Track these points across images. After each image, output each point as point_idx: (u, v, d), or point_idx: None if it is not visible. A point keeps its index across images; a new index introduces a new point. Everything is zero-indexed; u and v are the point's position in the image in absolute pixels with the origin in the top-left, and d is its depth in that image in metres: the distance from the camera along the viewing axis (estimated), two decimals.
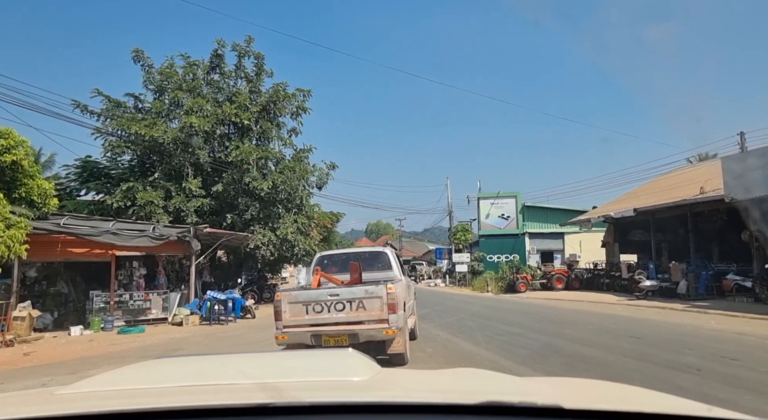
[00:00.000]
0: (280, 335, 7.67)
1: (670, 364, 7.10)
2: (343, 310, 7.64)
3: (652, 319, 14.03)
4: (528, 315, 15.76)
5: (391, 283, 7.90)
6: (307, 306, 7.69)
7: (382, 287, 7.69)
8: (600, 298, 23.05)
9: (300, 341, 7.60)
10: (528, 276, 29.37)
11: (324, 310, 7.66)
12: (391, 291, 7.60)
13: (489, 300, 24.49)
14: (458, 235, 41.03)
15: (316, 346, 7.57)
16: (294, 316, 7.67)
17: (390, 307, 7.53)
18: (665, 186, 27.85)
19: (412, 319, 9.93)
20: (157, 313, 15.98)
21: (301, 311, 7.68)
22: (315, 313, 7.66)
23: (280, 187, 23.18)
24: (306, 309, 7.68)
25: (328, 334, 7.60)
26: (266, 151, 23.58)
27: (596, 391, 1.72)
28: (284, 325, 7.66)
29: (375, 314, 7.57)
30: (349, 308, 7.64)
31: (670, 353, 8.10)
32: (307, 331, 7.62)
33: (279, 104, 24.88)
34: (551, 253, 38.99)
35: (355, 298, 7.68)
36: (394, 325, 7.50)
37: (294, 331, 7.65)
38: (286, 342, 7.68)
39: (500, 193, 40.29)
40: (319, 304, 7.68)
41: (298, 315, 7.67)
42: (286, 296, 7.90)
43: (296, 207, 24.50)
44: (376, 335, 7.54)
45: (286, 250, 23.80)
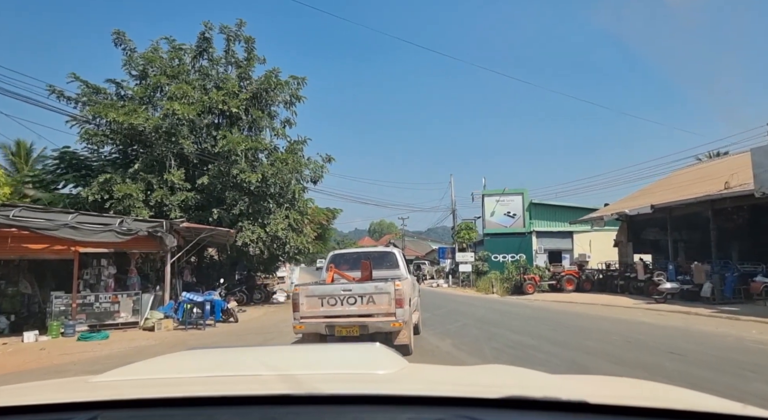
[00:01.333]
0: (297, 325, 8.53)
1: (738, 394, 5.46)
2: (354, 304, 8.44)
3: (681, 326, 12.34)
4: (540, 321, 14.09)
5: (398, 281, 8.65)
6: (323, 299, 8.51)
7: (390, 284, 8.46)
8: (615, 301, 21.34)
9: (315, 331, 8.52)
10: (536, 277, 27.67)
11: (337, 304, 8.47)
12: (399, 287, 8.41)
13: (495, 302, 22.81)
14: (462, 234, 39.27)
15: (329, 335, 8.54)
16: (310, 308, 8.48)
17: (397, 302, 8.32)
18: (682, 182, 26.10)
19: (416, 314, 10.74)
20: (126, 316, 14.37)
21: (316, 304, 8.50)
22: (329, 306, 8.48)
23: (270, 180, 21.57)
24: (321, 302, 8.50)
25: (340, 325, 8.43)
26: (256, 141, 21.97)
27: (624, 387, 1.72)
28: (301, 316, 8.50)
29: (384, 308, 8.36)
30: (360, 302, 8.44)
31: (729, 377, 6.44)
32: (322, 322, 8.46)
33: (271, 92, 23.27)
34: (559, 252, 37.26)
35: (366, 293, 8.46)
36: (400, 318, 8.33)
37: (310, 322, 8.48)
38: (303, 331, 8.61)
39: (506, 190, 38.56)
40: (333, 297, 8.50)
41: (314, 307, 8.49)
42: (303, 290, 8.67)
43: (288, 202, 22.89)
44: (384, 327, 8.35)
45: (277, 247, 22.20)
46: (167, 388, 1.43)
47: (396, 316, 8.32)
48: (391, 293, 8.37)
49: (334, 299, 8.52)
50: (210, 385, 1.45)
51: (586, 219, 28.80)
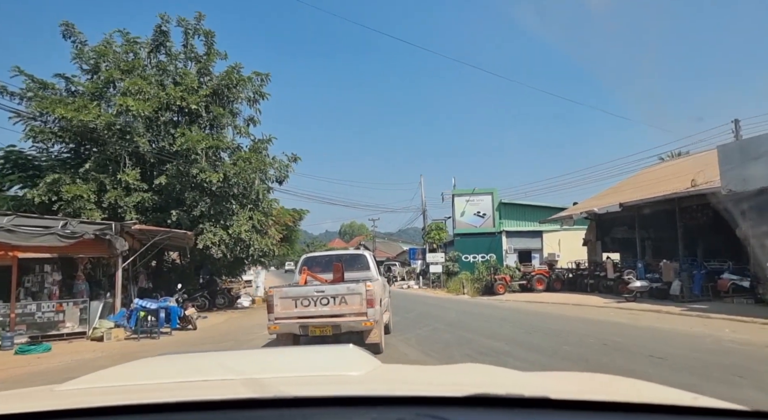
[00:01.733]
0: (272, 325, 8.77)
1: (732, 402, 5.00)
2: (327, 305, 8.70)
3: (656, 327, 12.03)
4: (513, 324, 13.62)
5: (369, 282, 8.96)
6: (296, 300, 8.76)
7: (361, 285, 8.79)
8: (585, 300, 21.15)
9: (289, 331, 8.79)
10: (507, 277, 27.40)
11: (311, 305, 8.71)
12: (370, 288, 8.71)
13: (466, 304, 22.38)
14: (432, 234, 38.88)
15: (303, 335, 8.85)
16: (284, 309, 8.73)
17: (368, 302, 8.62)
18: (650, 180, 26.25)
19: (387, 314, 11.07)
20: (72, 326, 13.30)
21: (290, 305, 8.73)
22: (303, 307, 8.72)
23: (233, 180, 20.64)
24: (295, 303, 8.74)
25: (314, 325, 8.69)
26: (217, 139, 21.02)
27: (586, 382, 1.75)
28: (276, 317, 8.74)
29: (355, 308, 8.63)
30: (332, 303, 8.69)
31: (716, 384, 6.00)
32: (296, 322, 8.72)
33: (233, 89, 22.34)
34: (529, 252, 37.22)
35: (338, 294, 8.73)
36: (372, 317, 8.63)
37: (284, 322, 8.73)
38: (278, 332, 8.85)
39: (476, 190, 38.34)
40: (307, 299, 8.74)
41: (288, 308, 8.72)
42: (277, 292, 8.94)
43: (252, 203, 21.99)
44: (356, 326, 8.65)
45: (240, 250, 21.28)
46: (133, 395, 1.41)
47: (367, 315, 8.63)
48: (363, 294, 8.68)
49: (308, 300, 8.78)
50: (176, 391, 1.43)
51: (555, 218, 28.71)
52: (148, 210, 20.44)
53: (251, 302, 24.70)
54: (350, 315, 8.67)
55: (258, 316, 19.81)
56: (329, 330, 8.71)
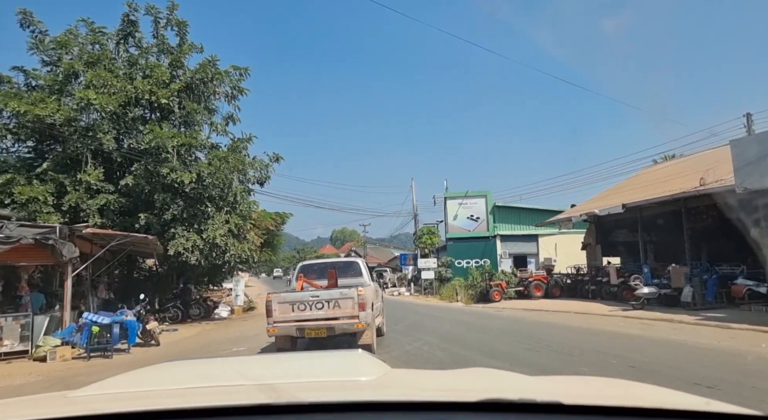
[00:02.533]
0: (271, 328, 9.35)
1: None
2: (322, 309, 9.30)
3: (677, 340, 10.56)
4: (514, 337, 12.09)
5: (361, 287, 9.60)
6: (293, 305, 9.36)
7: (353, 290, 9.42)
8: (588, 307, 19.69)
9: (287, 333, 9.42)
10: (503, 283, 25.91)
11: (307, 309, 9.30)
12: (361, 293, 9.34)
13: (460, 312, 20.82)
14: (424, 239, 37.36)
15: (300, 337, 9.53)
16: (282, 313, 9.31)
17: (360, 305, 9.21)
18: (652, 180, 24.90)
19: (380, 318, 11.69)
20: (12, 344, 11.60)
21: (288, 309, 9.33)
22: (299, 311, 9.31)
23: (207, 180, 19.02)
24: (292, 307, 9.33)
25: (310, 328, 9.25)
26: (190, 136, 19.39)
27: (599, 387, 1.73)
28: (274, 320, 9.31)
29: (348, 311, 9.23)
30: (327, 307, 9.29)
31: None
32: (293, 325, 9.28)
33: (209, 83, 20.75)
34: (524, 257, 35.81)
35: (332, 299, 9.34)
36: (363, 320, 9.21)
37: (282, 325, 9.30)
38: (276, 334, 9.45)
39: (469, 193, 36.90)
40: (303, 303, 9.34)
41: (285, 312, 9.31)
42: (276, 297, 9.54)
43: (229, 205, 20.36)
44: (348, 328, 9.24)
45: (216, 256, 19.62)
46: (148, 401, 1.41)
47: (359, 318, 9.23)
48: (355, 298, 9.29)
49: (304, 305, 9.38)
50: (191, 397, 1.44)
51: (552, 221, 27.30)
52: (115, 213, 18.77)
53: (230, 312, 23.02)
54: (343, 318, 9.28)
55: (234, 329, 18.21)
56: (324, 332, 9.32)
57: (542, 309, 20.52)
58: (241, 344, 13.11)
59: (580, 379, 1.99)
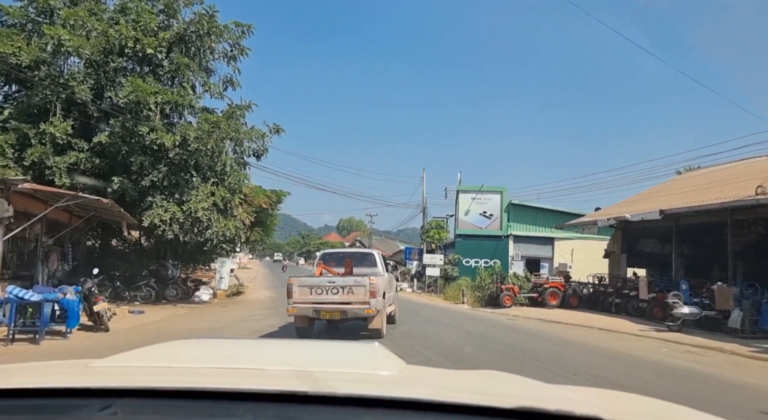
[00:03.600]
0: (290, 308, 10.57)
1: None
2: (337, 294, 10.43)
3: (753, 383, 8.15)
4: (533, 358, 9.69)
5: (373, 277, 10.72)
6: (311, 289, 10.53)
7: (366, 279, 10.57)
8: (613, 324, 17.24)
9: (304, 314, 10.61)
10: (515, 288, 23.47)
11: (323, 293, 10.46)
12: (373, 282, 10.44)
13: (467, 318, 18.40)
14: (431, 233, 34.92)
15: (316, 318, 10.77)
16: (301, 295, 10.48)
17: (371, 293, 10.31)
18: (692, 186, 22.27)
19: (392, 306, 13.00)
20: None
21: (306, 292, 10.50)
22: (316, 294, 10.47)
23: (192, 145, 16.71)
24: (310, 291, 10.51)
25: (325, 310, 10.48)
26: (177, 94, 17.06)
27: (636, 404, 1.63)
28: (294, 301, 10.49)
29: (360, 298, 10.34)
30: (341, 292, 10.43)
31: None
32: (310, 307, 10.46)
33: (205, 38, 18.39)
34: (538, 260, 33.33)
35: (346, 285, 10.48)
36: (373, 306, 10.33)
37: (301, 306, 10.47)
38: (295, 314, 10.67)
39: (483, 187, 34.40)
40: (320, 288, 10.51)
41: (304, 295, 10.48)
42: (296, 281, 10.74)
43: (217, 176, 18.08)
44: (360, 313, 10.41)
45: (198, 232, 17.34)
46: (181, 378, 1.36)
47: (370, 304, 10.15)
48: (366, 286, 10.23)
49: (321, 289, 10.37)
50: (223, 377, 1.40)
51: (576, 224, 24.79)
52: (86, 174, 16.53)
53: (211, 296, 20.78)
54: (355, 303, 10.22)
55: (208, 316, 15.89)
56: (338, 315, 10.38)
57: (560, 321, 18.10)
58: None
59: (614, 394, 1.84)
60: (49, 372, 1.58)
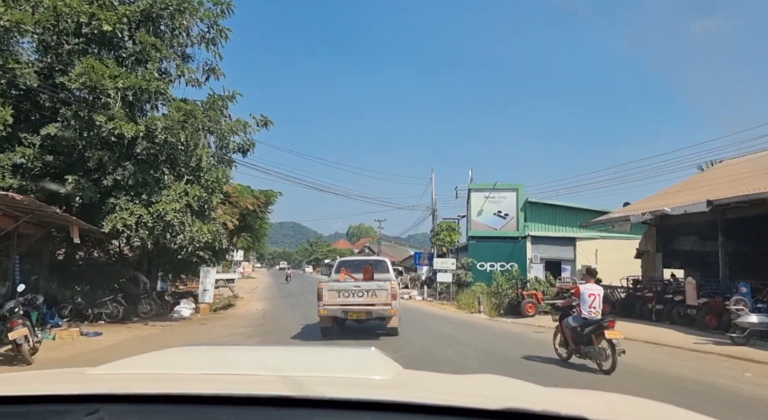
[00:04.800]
0: (321, 309, 11.98)
1: None
2: (362, 297, 11.94)
3: None
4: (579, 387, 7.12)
5: (393, 281, 12.58)
6: (339, 292, 12.01)
7: (387, 283, 12.23)
8: (660, 335, 14.55)
9: (334, 314, 12.07)
10: (538, 294, 20.80)
11: (350, 296, 11.95)
12: (394, 285, 12.30)
13: (486, 331, 15.76)
14: (442, 236, 32.23)
15: (344, 318, 12.36)
16: (330, 298, 11.93)
17: (392, 295, 12.04)
18: (738, 174, 19.47)
19: None
20: None
21: (335, 295, 11.96)
22: (344, 297, 11.95)
23: (160, 136, 14.32)
24: (338, 294, 11.97)
25: (352, 311, 11.99)
26: (143, 79, 14.67)
27: (621, 404, 1.68)
28: (324, 303, 11.92)
29: (383, 300, 11.93)
30: (366, 295, 11.95)
31: None
32: (339, 308, 11.95)
33: (176, 16, 16.05)
34: (559, 262, 30.61)
35: (370, 289, 12.00)
36: (394, 306, 12.09)
37: (330, 308, 11.92)
38: (325, 315, 12.06)
39: (497, 185, 31.74)
40: (347, 291, 12.01)
41: (333, 298, 11.94)
42: (326, 286, 12.20)
43: (191, 172, 15.67)
44: (383, 313, 12.07)
45: (170, 238, 14.89)
46: (168, 384, 1.41)
47: (391, 305, 12.00)
48: (389, 289, 12.03)
49: (348, 292, 12.02)
50: (211, 383, 1.43)
51: (604, 220, 22.04)
52: (38, 174, 14.21)
53: (193, 311, 18.30)
54: (379, 304, 11.92)
55: (182, 337, 13.08)
56: (363, 315, 12.07)
57: None
58: None
59: (600, 395, 1.89)
60: (41, 380, 1.64)
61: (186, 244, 14.78)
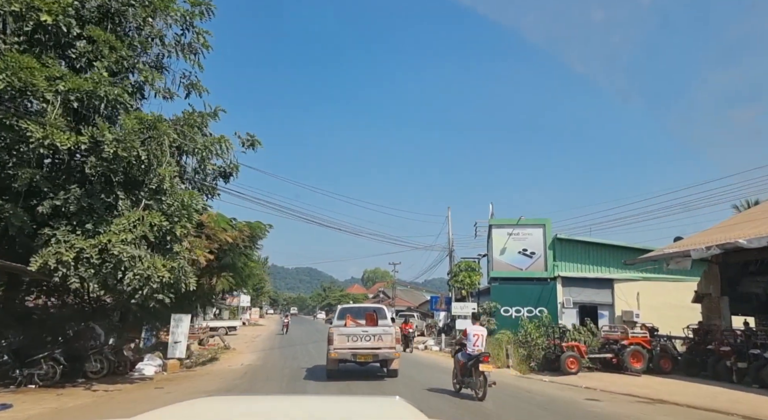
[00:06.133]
0: (332, 353, 13.09)
1: None
2: (369, 341, 13.18)
3: None
4: None
5: (396, 327, 14.52)
6: (348, 336, 13.21)
7: (392, 328, 13.68)
8: (754, 406, 10.85)
9: (343, 357, 13.12)
10: (580, 346, 17.11)
11: (358, 340, 13.17)
12: (397, 331, 13.91)
13: (521, 398, 12.07)
14: (460, 277, 28.70)
15: (352, 361, 13.32)
16: (340, 342, 13.10)
17: (396, 340, 13.54)
18: None
19: None
20: None
21: (344, 340, 13.15)
22: (353, 341, 13.14)
23: (108, 151, 11.46)
24: (347, 338, 13.17)
25: (360, 354, 13.11)
26: (92, 81, 11.93)
27: None
28: (334, 347, 13.09)
29: (388, 343, 13.24)
30: (373, 339, 13.19)
31: None
32: (348, 351, 13.07)
33: (138, 12, 13.53)
34: (595, 307, 26.80)
35: (377, 334, 13.32)
36: (398, 350, 13.57)
37: (340, 351, 13.04)
38: (335, 358, 13.12)
39: (522, 220, 28.37)
40: (356, 336, 13.28)
41: (342, 342, 13.12)
42: (336, 331, 13.42)
43: (150, 196, 12.70)
44: (388, 355, 13.28)
45: (119, 278, 11.75)
46: None
47: (395, 349, 13.35)
48: (393, 334, 13.38)
49: (356, 337, 13.22)
50: None
51: (656, 257, 18.45)
52: None
53: (159, 369, 14.94)
54: (384, 348, 13.16)
55: (129, 407, 10.01)
56: (370, 357, 13.21)
57: (665, 400, 11.72)
58: None
59: None
60: None
61: (138, 285, 11.61)
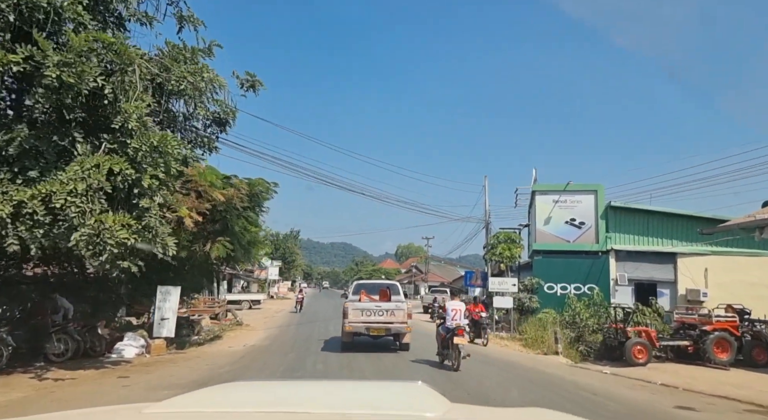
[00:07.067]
0: (347, 326, 13.75)
1: None
2: (383, 315, 13.85)
3: None
4: None
5: (408, 302, 15.13)
6: (362, 311, 13.90)
7: (404, 303, 14.39)
8: None
9: (357, 330, 13.84)
10: (650, 331, 13.99)
11: (372, 315, 13.85)
12: (409, 306, 14.46)
13: (583, 403, 9.06)
14: (499, 249, 25.58)
15: (366, 334, 14.06)
16: (355, 316, 13.81)
17: (408, 315, 14.10)
18: None
19: None
20: None
21: (359, 314, 13.86)
22: (366, 316, 13.85)
23: (50, 74, 8.88)
24: (362, 313, 13.87)
25: (373, 327, 13.80)
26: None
27: None
28: (349, 321, 13.78)
29: (400, 318, 13.92)
30: (386, 314, 13.87)
31: None
32: (362, 325, 13.77)
33: None
34: (654, 285, 23.35)
35: (389, 309, 13.94)
36: (410, 324, 14.16)
37: (355, 324, 13.73)
38: (350, 331, 13.80)
39: (570, 186, 24.94)
40: (369, 310, 13.89)
41: (357, 316, 13.83)
42: (351, 305, 14.04)
43: (114, 138, 10.12)
44: (400, 330, 13.95)
45: (64, 234, 9.23)
46: None
47: (407, 323, 13.96)
48: (405, 309, 14.00)
49: (370, 311, 13.83)
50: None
51: (744, 223, 14.90)
52: None
53: (142, 350, 12.60)
54: (396, 322, 13.82)
55: (59, 407, 7.82)
56: (383, 331, 13.92)
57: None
58: None
59: None
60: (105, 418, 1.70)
61: (89, 249, 9.08)
